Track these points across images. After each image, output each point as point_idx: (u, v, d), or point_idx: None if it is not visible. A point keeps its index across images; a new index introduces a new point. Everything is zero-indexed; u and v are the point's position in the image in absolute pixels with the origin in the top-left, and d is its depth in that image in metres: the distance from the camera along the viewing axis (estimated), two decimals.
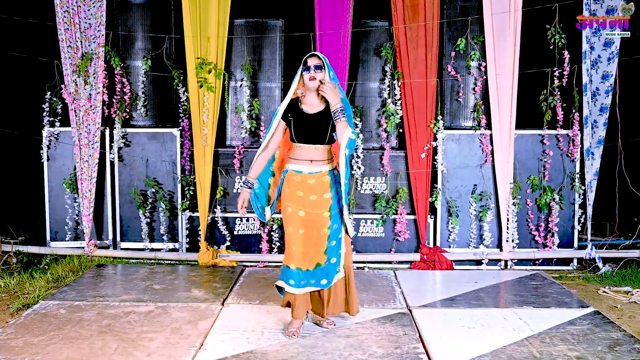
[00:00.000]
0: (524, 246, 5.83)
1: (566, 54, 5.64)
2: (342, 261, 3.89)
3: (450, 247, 5.83)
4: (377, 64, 5.98)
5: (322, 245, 3.80)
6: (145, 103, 6.00)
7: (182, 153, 5.93)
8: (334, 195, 3.82)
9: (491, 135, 5.74)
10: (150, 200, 5.94)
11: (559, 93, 5.71)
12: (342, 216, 3.86)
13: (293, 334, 3.84)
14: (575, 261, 5.83)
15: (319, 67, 3.70)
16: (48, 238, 6.05)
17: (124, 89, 5.90)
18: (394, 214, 5.81)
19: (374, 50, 5.97)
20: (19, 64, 6.29)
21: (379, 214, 5.86)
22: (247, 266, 5.71)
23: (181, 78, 5.89)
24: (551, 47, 5.67)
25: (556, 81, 5.69)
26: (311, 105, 3.80)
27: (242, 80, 5.98)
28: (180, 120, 5.96)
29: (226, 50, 5.79)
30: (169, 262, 5.87)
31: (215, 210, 5.88)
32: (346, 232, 3.91)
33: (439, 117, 5.77)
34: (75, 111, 5.77)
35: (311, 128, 3.76)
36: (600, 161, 5.67)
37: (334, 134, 3.78)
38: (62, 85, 5.76)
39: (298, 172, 3.80)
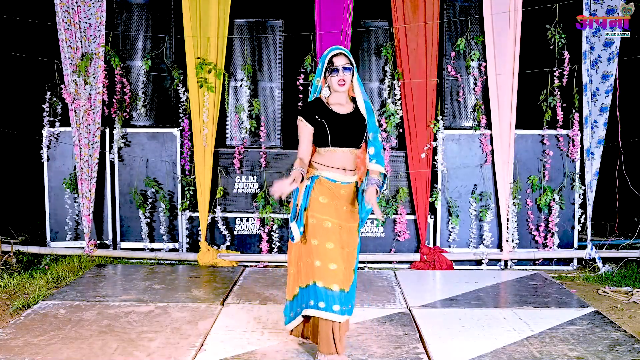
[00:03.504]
0: (524, 246, 5.83)
1: (566, 54, 5.64)
2: None
3: (450, 247, 5.83)
4: (377, 64, 5.98)
5: (353, 263, 3.43)
6: (145, 103, 6.00)
7: (182, 153, 5.93)
8: (360, 209, 3.49)
9: (491, 135, 5.74)
10: (150, 200, 5.94)
11: (559, 93, 5.71)
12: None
13: None
14: (575, 261, 5.83)
15: (348, 69, 3.34)
16: (48, 238, 6.04)
17: (124, 89, 5.90)
18: (394, 214, 5.81)
19: (374, 50, 5.97)
20: (19, 64, 6.29)
21: None
22: (247, 266, 5.71)
23: (181, 78, 5.89)
24: (551, 47, 5.67)
25: (556, 81, 5.69)
26: (341, 105, 3.43)
27: (242, 80, 5.98)
28: (180, 120, 5.95)
29: (226, 50, 5.79)
30: (169, 262, 5.87)
31: (215, 210, 5.88)
32: None
33: (439, 117, 5.77)
34: (75, 111, 5.77)
35: (348, 129, 3.37)
36: (600, 161, 5.67)
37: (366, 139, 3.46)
38: (62, 85, 5.76)
39: (332, 181, 3.39)
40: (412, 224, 5.85)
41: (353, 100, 3.48)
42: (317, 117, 3.37)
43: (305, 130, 3.39)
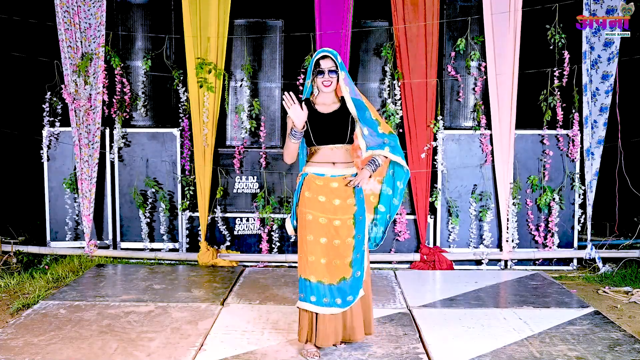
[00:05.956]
0: (524, 246, 5.83)
1: (566, 54, 5.64)
2: (364, 276, 3.60)
3: (450, 247, 5.83)
4: (377, 64, 5.98)
5: (347, 256, 3.51)
6: (145, 103, 6.01)
7: (182, 153, 5.93)
8: (357, 201, 3.57)
9: (491, 135, 5.74)
10: (150, 200, 5.94)
11: (558, 93, 5.71)
12: (364, 225, 3.61)
13: (314, 354, 3.53)
14: (575, 261, 5.83)
15: (333, 72, 3.49)
16: (48, 238, 6.04)
17: (124, 89, 5.90)
18: None
19: (374, 50, 5.97)
20: (19, 64, 6.29)
21: None
22: (247, 266, 5.71)
23: (181, 78, 5.89)
24: (551, 47, 5.67)
25: (556, 81, 5.69)
26: (325, 105, 3.58)
27: (242, 80, 5.98)
28: (180, 120, 5.96)
29: (226, 50, 5.79)
30: (169, 262, 5.87)
31: (215, 210, 5.88)
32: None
33: (439, 117, 5.77)
34: (75, 111, 5.77)
35: (329, 128, 3.53)
36: (600, 161, 5.67)
37: (357, 134, 3.61)
38: (62, 85, 5.77)
39: (320, 176, 3.54)
40: (412, 223, 5.85)
41: (342, 99, 3.60)
42: None
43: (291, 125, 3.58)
